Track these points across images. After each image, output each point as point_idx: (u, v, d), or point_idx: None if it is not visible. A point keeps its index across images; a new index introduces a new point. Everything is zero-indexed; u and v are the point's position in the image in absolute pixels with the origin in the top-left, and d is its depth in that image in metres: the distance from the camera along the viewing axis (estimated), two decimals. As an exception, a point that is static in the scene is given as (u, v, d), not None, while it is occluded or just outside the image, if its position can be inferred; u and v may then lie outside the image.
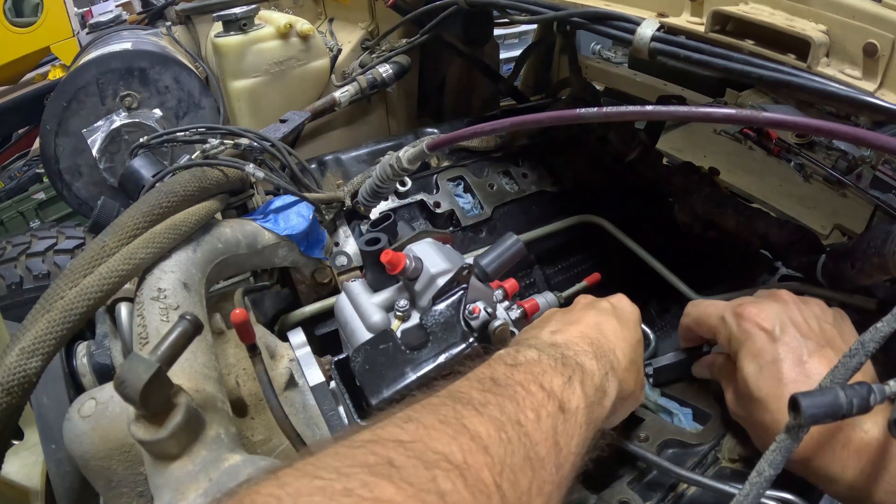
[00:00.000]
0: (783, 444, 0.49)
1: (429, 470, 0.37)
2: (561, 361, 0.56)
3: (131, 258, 0.69)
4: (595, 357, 0.59)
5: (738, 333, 0.67)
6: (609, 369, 0.60)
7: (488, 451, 0.41)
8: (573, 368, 0.56)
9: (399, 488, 0.35)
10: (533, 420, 0.47)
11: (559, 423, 0.49)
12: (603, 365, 0.59)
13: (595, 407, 0.55)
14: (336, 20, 1.67)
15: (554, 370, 0.54)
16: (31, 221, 2.83)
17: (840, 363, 0.51)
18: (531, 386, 0.51)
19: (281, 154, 0.99)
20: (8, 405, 0.56)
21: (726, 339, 0.69)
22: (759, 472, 0.48)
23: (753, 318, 0.66)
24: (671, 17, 0.79)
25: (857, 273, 0.83)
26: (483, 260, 0.77)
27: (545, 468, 0.45)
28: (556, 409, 0.50)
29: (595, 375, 0.57)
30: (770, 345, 0.64)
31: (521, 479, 0.42)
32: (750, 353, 0.65)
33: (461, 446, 0.41)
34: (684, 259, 1.10)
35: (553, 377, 0.53)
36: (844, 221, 1.78)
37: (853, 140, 0.54)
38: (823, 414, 0.47)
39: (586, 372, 0.57)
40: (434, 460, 0.38)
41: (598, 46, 3.03)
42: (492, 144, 1.23)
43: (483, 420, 0.44)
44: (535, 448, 0.45)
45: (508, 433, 0.44)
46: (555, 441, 0.48)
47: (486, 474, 0.40)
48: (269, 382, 0.66)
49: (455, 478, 0.38)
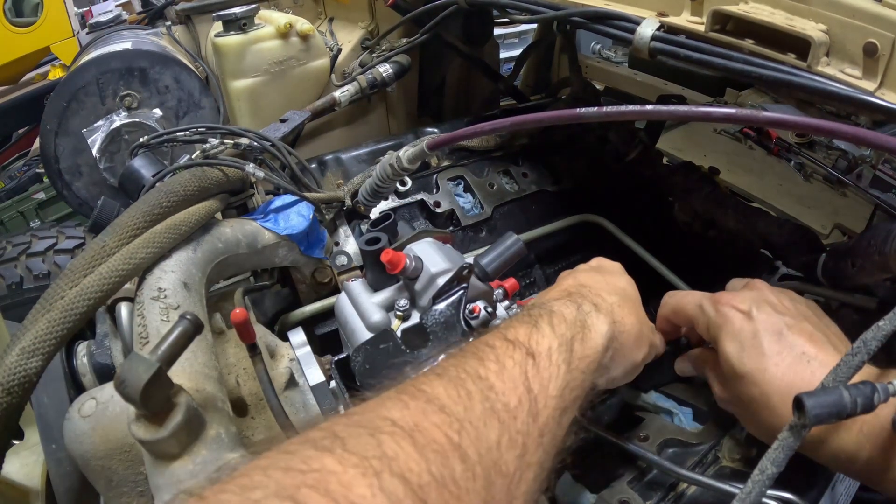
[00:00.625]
0: (785, 443, 0.49)
1: (374, 436, 0.36)
2: (528, 312, 0.54)
3: (131, 258, 0.69)
4: (570, 300, 0.58)
5: (716, 318, 0.67)
6: (585, 303, 0.58)
7: (444, 410, 0.40)
8: (539, 314, 0.54)
9: (340, 458, 0.34)
10: (496, 371, 0.45)
11: (529, 367, 0.47)
12: (576, 302, 0.58)
13: (575, 343, 0.53)
14: (336, 20, 1.67)
15: (519, 322, 0.53)
16: (32, 221, 2.83)
17: (842, 361, 0.51)
18: (495, 341, 0.49)
19: (281, 154, 0.99)
20: (8, 405, 0.56)
21: (705, 326, 0.69)
22: (761, 470, 0.48)
23: (729, 302, 0.67)
24: (671, 17, 0.79)
25: (858, 272, 0.83)
26: (483, 259, 0.77)
27: (517, 418, 0.43)
28: (524, 355, 0.48)
29: (567, 313, 0.55)
30: (748, 323, 0.65)
31: (485, 434, 0.40)
32: (729, 335, 0.65)
33: (413, 410, 0.39)
34: (684, 258, 1.10)
35: (518, 328, 0.51)
36: (844, 221, 1.78)
37: (853, 139, 0.54)
38: (828, 414, 0.47)
39: (556, 313, 0.55)
40: (380, 426, 0.37)
41: (598, 46, 3.03)
42: (492, 144, 1.23)
43: (441, 381, 0.42)
44: (502, 399, 0.43)
45: (468, 388, 0.42)
46: (526, 387, 0.45)
47: (440, 433, 0.38)
48: (269, 382, 0.66)
49: (401, 439, 0.36)
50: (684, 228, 1.22)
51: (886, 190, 1.92)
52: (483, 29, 1.51)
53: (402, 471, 0.34)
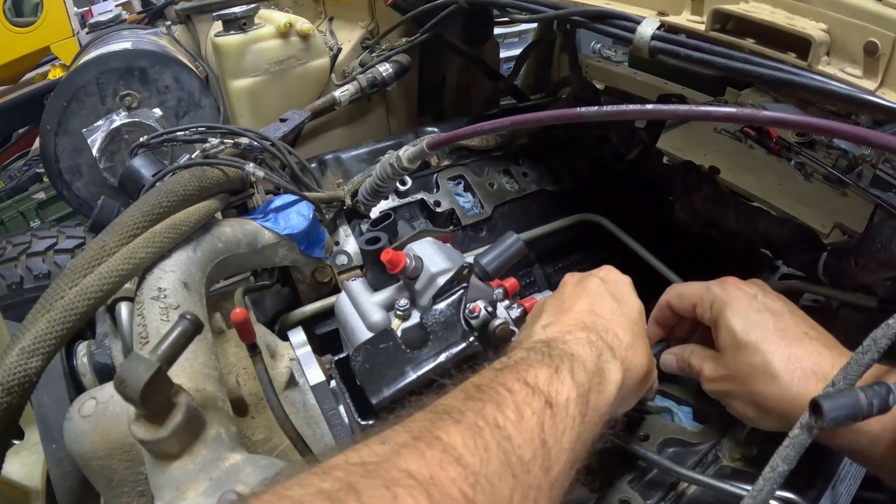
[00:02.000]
0: (797, 440, 0.48)
1: (389, 489, 0.35)
2: (548, 354, 0.53)
3: (131, 258, 0.69)
4: (588, 342, 0.57)
5: (722, 295, 0.68)
6: (605, 350, 0.57)
7: (461, 462, 0.39)
8: (561, 358, 0.53)
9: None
10: (514, 421, 0.45)
11: (546, 419, 0.46)
12: (597, 348, 0.57)
13: (592, 395, 0.52)
14: (336, 19, 1.67)
15: (540, 364, 0.51)
16: (32, 221, 2.83)
17: (853, 360, 0.50)
18: (514, 384, 0.48)
19: (281, 153, 0.99)
20: (8, 405, 0.56)
21: (709, 303, 0.70)
22: (772, 468, 0.48)
23: (736, 283, 0.70)
24: (671, 16, 0.78)
25: (862, 270, 0.83)
26: (483, 259, 0.77)
27: (530, 472, 0.43)
28: (542, 404, 0.47)
29: (588, 361, 0.54)
30: (754, 301, 0.67)
31: (499, 489, 0.40)
32: (735, 309, 0.66)
33: (429, 461, 0.38)
34: (685, 258, 1.10)
35: (538, 371, 0.50)
36: (845, 220, 1.78)
37: (853, 139, 0.54)
38: (845, 416, 0.47)
39: (577, 359, 0.54)
40: (396, 478, 0.36)
41: (598, 45, 3.03)
42: (492, 143, 1.23)
43: (459, 429, 0.42)
44: (518, 451, 0.43)
45: (486, 439, 0.42)
46: (542, 440, 0.45)
47: (455, 488, 0.37)
48: (269, 382, 0.66)
49: (418, 494, 0.35)
50: (684, 228, 1.22)
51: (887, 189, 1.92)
52: (483, 28, 1.51)
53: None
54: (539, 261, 1.17)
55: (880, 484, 0.62)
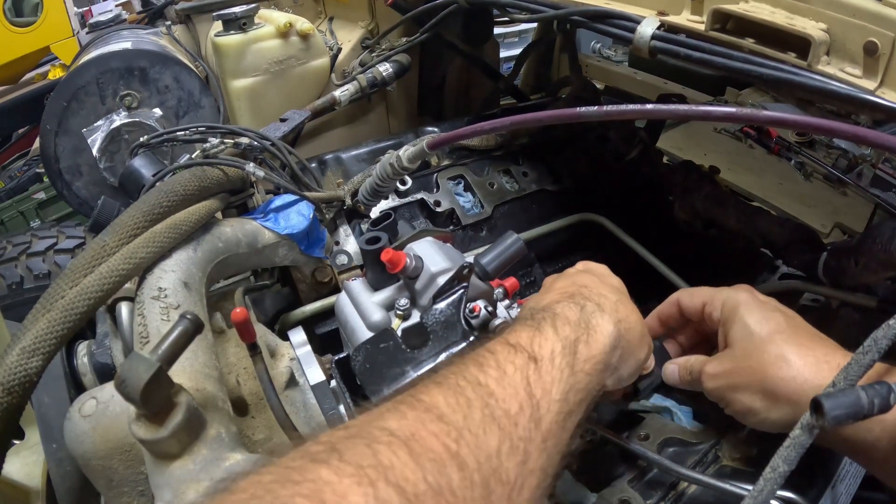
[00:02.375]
0: (798, 440, 0.48)
1: (370, 446, 0.35)
2: (531, 318, 0.53)
3: (132, 257, 0.69)
4: (571, 303, 0.57)
5: (736, 295, 0.69)
6: (589, 304, 0.57)
7: (443, 419, 0.39)
8: (542, 318, 0.53)
9: (336, 468, 0.33)
10: (496, 377, 0.44)
11: (530, 372, 0.46)
12: (579, 304, 0.57)
13: (580, 345, 0.52)
14: (336, 19, 1.67)
15: (522, 326, 0.52)
16: (32, 221, 2.83)
17: (853, 360, 0.50)
18: (496, 346, 0.48)
19: (281, 153, 0.99)
20: (9, 405, 0.56)
21: (720, 303, 0.70)
22: (773, 468, 0.48)
23: (750, 289, 0.71)
24: (671, 16, 0.79)
25: (862, 270, 0.83)
26: (483, 258, 0.77)
27: (518, 424, 0.42)
28: (525, 359, 0.47)
29: (570, 315, 0.54)
30: (766, 304, 0.68)
31: (485, 441, 0.40)
32: (749, 307, 0.67)
33: (411, 419, 0.39)
34: (685, 257, 1.10)
35: (520, 332, 0.50)
36: (845, 220, 1.78)
37: (853, 138, 0.54)
38: (846, 415, 0.47)
39: (559, 316, 0.54)
40: (377, 437, 0.37)
41: (598, 45, 3.03)
42: (492, 143, 1.23)
43: (441, 389, 0.42)
44: (502, 405, 0.42)
45: (468, 395, 0.42)
46: (528, 393, 0.45)
47: (437, 442, 0.37)
48: (269, 381, 0.66)
49: (398, 449, 0.36)
50: (684, 227, 1.22)
51: (887, 189, 1.92)
52: (483, 28, 1.50)
53: (397, 480, 0.34)
54: (539, 260, 1.17)
55: (880, 484, 0.62)
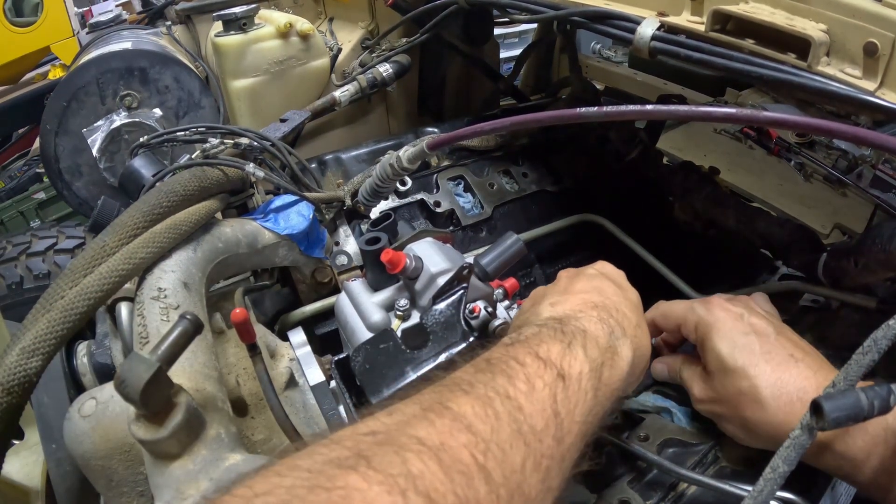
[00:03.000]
0: (798, 441, 0.48)
1: (399, 454, 0.35)
2: (560, 329, 0.53)
3: (131, 258, 0.69)
4: (599, 319, 0.56)
5: (707, 317, 0.69)
6: (616, 327, 0.57)
7: (471, 430, 0.39)
8: (574, 333, 0.53)
9: (364, 476, 0.33)
10: (525, 392, 0.44)
11: (558, 391, 0.46)
12: (608, 325, 0.56)
13: (604, 370, 0.52)
14: (336, 19, 1.67)
15: (552, 339, 0.51)
16: (32, 221, 2.83)
17: (853, 360, 0.50)
18: (526, 358, 0.48)
19: (281, 153, 0.99)
20: (8, 405, 0.56)
21: (693, 325, 0.70)
22: (773, 469, 0.48)
23: (721, 304, 0.70)
24: (671, 17, 0.79)
25: (862, 270, 0.83)
26: (483, 259, 0.77)
27: (542, 441, 0.43)
28: (555, 377, 0.47)
29: (600, 337, 0.54)
30: (739, 323, 0.67)
31: (511, 456, 0.40)
32: (721, 332, 0.67)
33: (439, 428, 0.38)
34: (684, 258, 1.10)
35: (551, 345, 0.50)
36: (845, 221, 1.78)
37: (853, 139, 0.54)
38: (846, 417, 0.46)
39: (589, 335, 0.54)
40: (406, 444, 0.36)
41: (598, 46, 3.04)
42: (492, 144, 1.23)
43: (469, 399, 0.42)
44: (529, 421, 0.43)
45: (496, 408, 0.42)
46: (554, 411, 0.45)
47: (466, 454, 0.37)
48: (269, 382, 0.66)
49: (428, 459, 0.35)
50: (684, 228, 1.22)
51: (886, 190, 1.93)
52: (483, 29, 1.50)
53: (427, 490, 0.34)
54: (539, 261, 1.17)
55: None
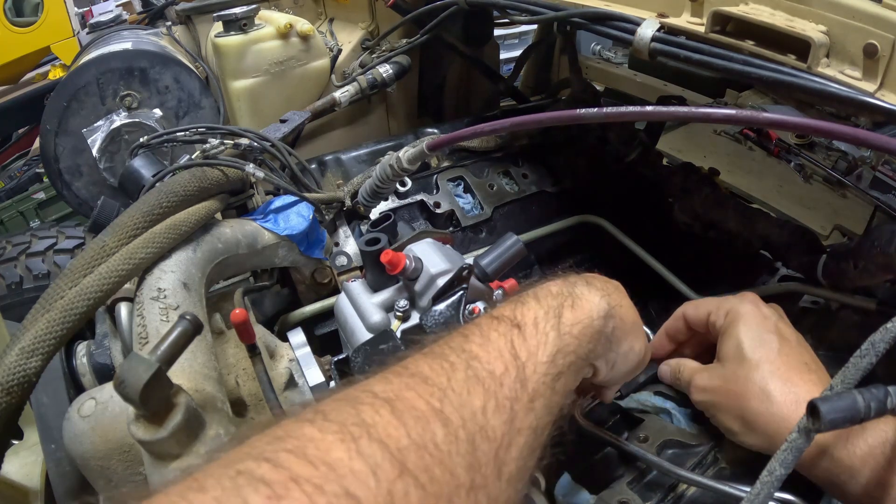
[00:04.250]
0: (795, 444, 0.48)
1: (354, 407, 0.37)
2: (514, 296, 0.54)
3: (131, 258, 0.69)
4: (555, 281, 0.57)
5: (740, 307, 0.71)
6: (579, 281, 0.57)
7: (427, 382, 0.40)
8: (526, 294, 0.54)
9: (320, 426, 0.34)
10: (480, 342, 0.46)
11: (514, 336, 0.47)
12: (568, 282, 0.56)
13: (565, 310, 0.52)
14: (336, 20, 1.67)
15: (507, 302, 0.53)
16: (31, 221, 2.83)
17: (850, 363, 0.50)
18: (481, 320, 0.50)
19: (281, 154, 0.99)
20: (8, 405, 0.56)
21: (724, 312, 0.72)
22: (769, 471, 0.48)
23: (755, 300, 0.72)
24: (671, 18, 0.79)
25: (861, 272, 0.83)
26: (483, 260, 0.77)
27: (504, 384, 0.43)
28: (509, 326, 0.48)
29: (552, 286, 0.55)
30: (767, 322, 0.69)
31: (469, 400, 0.40)
32: (747, 324, 0.69)
33: (395, 384, 0.40)
34: (684, 259, 1.10)
35: (504, 307, 0.52)
36: (844, 222, 1.78)
37: (853, 141, 0.54)
38: (842, 419, 0.46)
39: (541, 288, 0.55)
40: (361, 398, 0.38)
41: (598, 47, 3.04)
42: (492, 145, 1.24)
43: (426, 359, 0.43)
44: (487, 367, 0.44)
45: (451, 360, 0.43)
46: (513, 355, 0.46)
47: (421, 401, 0.38)
48: (268, 382, 0.66)
49: (380, 407, 0.37)
50: (684, 229, 1.22)
51: (886, 191, 1.93)
52: (483, 29, 1.51)
53: (380, 436, 0.35)
54: (539, 262, 1.17)
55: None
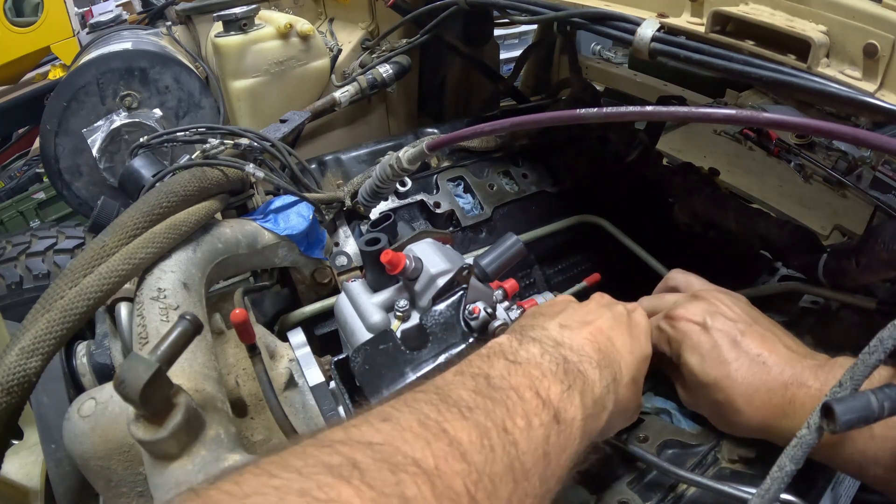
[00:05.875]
0: (805, 440, 0.48)
1: (394, 474, 0.35)
2: (563, 367, 0.53)
3: (131, 258, 0.69)
4: (599, 367, 0.57)
5: (675, 334, 0.71)
6: (611, 382, 0.58)
7: (466, 458, 0.39)
8: (574, 376, 0.54)
9: (358, 490, 0.33)
10: (523, 428, 0.45)
11: (552, 433, 0.47)
12: (605, 377, 0.57)
13: (592, 420, 0.54)
14: (336, 20, 1.67)
15: (554, 376, 0.52)
16: (31, 221, 2.83)
17: (859, 360, 0.50)
18: (526, 392, 0.49)
19: (281, 154, 0.99)
20: (8, 405, 0.56)
21: (666, 342, 0.73)
22: (779, 467, 0.48)
23: (684, 317, 0.71)
24: (671, 18, 0.79)
25: (863, 270, 0.83)
26: (483, 260, 0.77)
27: (529, 480, 0.43)
28: (551, 418, 0.48)
29: (596, 387, 0.55)
30: (705, 335, 0.68)
31: (500, 490, 0.40)
32: (690, 348, 0.69)
33: (435, 451, 0.38)
34: (684, 259, 1.10)
35: (552, 384, 0.51)
36: (844, 222, 1.78)
37: (853, 141, 0.54)
38: (857, 419, 0.46)
39: (588, 382, 0.55)
40: (402, 464, 0.36)
41: (598, 47, 3.04)
42: (492, 145, 1.23)
43: (466, 425, 0.42)
44: (522, 458, 0.43)
45: (492, 440, 0.42)
46: (545, 452, 0.46)
47: (459, 482, 0.38)
48: (268, 382, 0.66)
49: (422, 483, 0.36)
50: (684, 229, 1.22)
51: (886, 191, 1.93)
52: (483, 30, 1.51)
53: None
54: (539, 262, 1.17)
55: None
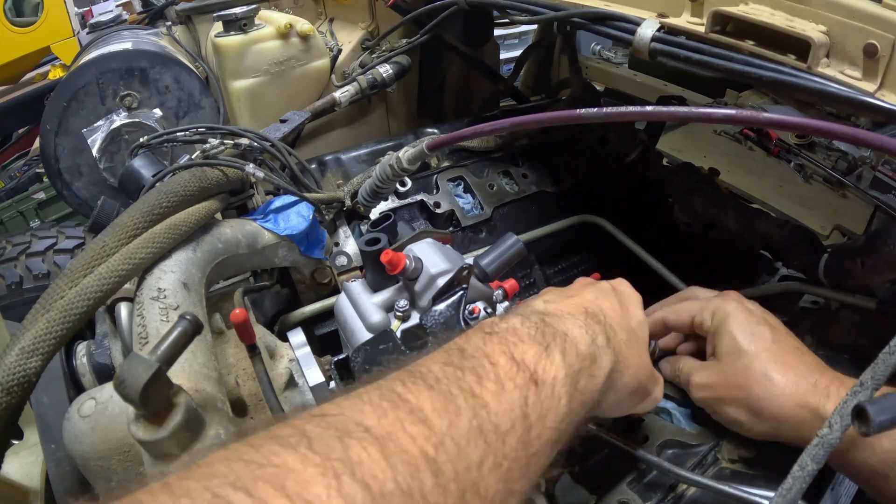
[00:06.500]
0: (827, 440, 0.48)
1: (342, 440, 0.34)
2: (540, 330, 0.51)
3: (131, 258, 0.69)
4: (585, 325, 0.54)
5: (725, 306, 0.74)
6: (600, 335, 0.55)
7: (426, 423, 0.38)
8: (553, 336, 0.51)
9: (302, 456, 0.33)
10: (494, 391, 0.43)
11: (530, 394, 0.44)
12: (592, 331, 0.54)
13: (581, 377, 0.50)
14: (336, 20, 1.67)
15: (531, 339, 0.49)
16: (31, 221, 2.83)
17: (879, 359, 0.50)
18: (499, 358, 0.46)
19: (281, 154, 0.99)
20: (8, 405, 0.56)
21: (710, 314, 0.75)
22: (801, 467, 0.47)
23: (738, 297, 0.76)
24: (671, 18, 0.79)
25: (868, 270, 0.83)
26: (483, 260, 0.77)
27: (506, 442, 0.41)
28: (527, 380, 0.45)
29: (581, 343, 0.52)
30: (753, 316, 0.73)
31: (468, 452, 0.38)
32: (737, 319, 0.72)
33: (391, 418, 0.37)
34: (684, 259, 1.10)
35: (527, 347, 0.48)
36: (844, 222, 1.78)
37: (853, 141, 0.54)
38: (890, 421, 0.45)
39: (569, 339, 0.51)
40: (352, 431, 0.35)
41: (598, 47, 3.04)
42: (492, 145, 1.23)
43: (431, 395, 0.40)
44: (494, 419, 0.41)
45: (458, 404, 0.40)
46: (523, 413, 0.43)
47: (415, 445, 0.36)
48: (268, 382, 0.66)
49: (370, 446, 0.35)
50: (684, 229, 1.22)
51: (886, 191, 1.93)
52: (483, 29, 1.51)
53: (364, 476, 0.33)
54: (539, 262, 1.17)
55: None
